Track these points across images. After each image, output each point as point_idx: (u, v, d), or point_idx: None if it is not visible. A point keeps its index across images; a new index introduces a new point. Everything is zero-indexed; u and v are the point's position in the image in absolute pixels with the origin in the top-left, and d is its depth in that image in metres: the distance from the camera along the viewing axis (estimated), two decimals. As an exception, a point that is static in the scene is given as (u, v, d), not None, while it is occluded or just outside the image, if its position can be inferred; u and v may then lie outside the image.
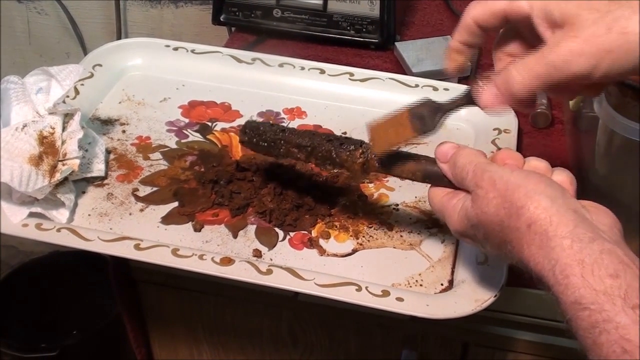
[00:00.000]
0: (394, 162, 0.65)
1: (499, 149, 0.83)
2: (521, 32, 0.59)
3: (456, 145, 0.60)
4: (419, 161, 0.64)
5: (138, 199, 0.80)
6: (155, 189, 0.81)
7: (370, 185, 0.82)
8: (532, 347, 0.80)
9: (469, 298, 0.66)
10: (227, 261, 0.70)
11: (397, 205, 0.80)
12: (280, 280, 0.68)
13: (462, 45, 0.61)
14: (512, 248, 0.52)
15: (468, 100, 0.60)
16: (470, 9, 0.58)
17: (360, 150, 0.67)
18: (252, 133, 0.74)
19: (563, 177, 0.56)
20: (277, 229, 0.76)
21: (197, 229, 0.76)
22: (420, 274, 0.72)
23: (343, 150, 0.68)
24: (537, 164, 0.57)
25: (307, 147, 0.70)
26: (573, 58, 0.52)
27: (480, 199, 0.55)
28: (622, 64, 0.51)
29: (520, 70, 0.54)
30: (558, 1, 0.52)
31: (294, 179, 0.80)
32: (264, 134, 0.73)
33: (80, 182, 0.81)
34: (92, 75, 0.94)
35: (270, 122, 0.82)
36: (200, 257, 0.70)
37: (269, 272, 0.69)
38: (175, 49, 0.99)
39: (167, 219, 0.77)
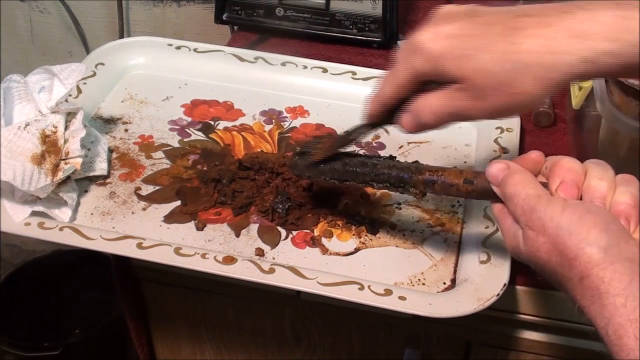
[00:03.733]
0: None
1: (501, 147, 0.84)
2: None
3: (505, 167, 0.57)
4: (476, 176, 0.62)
5: (140, 197, 0.80)
6: (157, 187, 0.81)
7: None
8: (535, 345, 0.80)
9: (472, 297, 0.66)
10: (229, 260, 0.70)
11: (400, 204, 0.80)
12: (282, 279, 0.68)
13: (378, 112, 0.65)
14: (566, 292, 0.51)
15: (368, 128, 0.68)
16: (382, 89, 0.63)
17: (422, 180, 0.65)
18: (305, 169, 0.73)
19: (626, 198, 0.52)
20: (279, 228, 0.76)
21: (200, 227, 0.76)
22: (422, 273, 0.72)
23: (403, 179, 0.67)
24: (597, 185, 0.53)
25: (367, 177, 0.68)
26: (470, 112, 0.57)
27: (531, 240, 0.53)
28: (516, 112, 0.59)
29: (427, 112, 0.60)
30: (451, 64, 0.55)
31: (297, 177, 0.80)
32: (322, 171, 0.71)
33: (83, 181, 0.81)
34: (94, 74, 0.94)
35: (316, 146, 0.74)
36: (203, 256, 0.70)
37: (271, 271, 0.69)
38: (178, 47, 0.99)
39: (169, 218, 0.77)
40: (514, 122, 0.88)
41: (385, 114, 0.64)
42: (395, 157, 0.70)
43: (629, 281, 0.46)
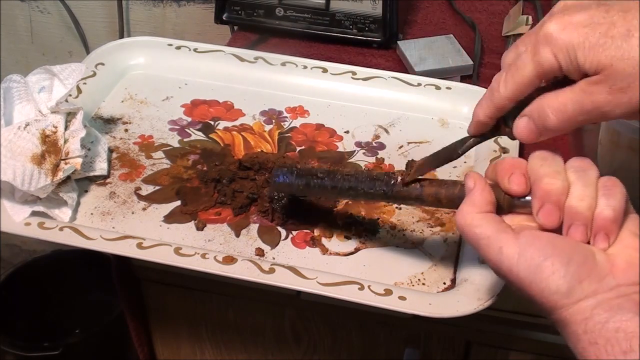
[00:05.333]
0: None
1: (502, 147, 0.83)
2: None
3: (471, 184, 0.56)
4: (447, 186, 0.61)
5: (140, 197, 0.80)
6: (157, 187, 0.81)
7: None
8: (535, 345, 0.80)
9: (472, 297, 0.66)
10: (229, 260, 0.70)
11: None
12: (282, 279, 0.68)
13: (490, 119, 0.58)
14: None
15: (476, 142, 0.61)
16: (497, 90, 0.56)
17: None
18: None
19: (607, 213, 0.51)
20: (279, 228, 0.76)
21: (200, 227, 0.76)
22: (422, 273, 0.72)
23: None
24: (578, 207, 0.52)
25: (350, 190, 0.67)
26: (610, 107, 0.51)
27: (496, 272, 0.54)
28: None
29: (555, 112, 0.54)
30: (587, 54, 0.51)
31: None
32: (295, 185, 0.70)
33: (83, 181, 0.81)
34: (94, 74, 0.94)
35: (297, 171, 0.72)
36: (203, 256, 0.70)
37: (271, 270, 0.69)
38: (178, 47, 0.99)
39: (169, 218, 0.77)
40: (514, 122, 0.88)
41: (498, 120, 0.58)
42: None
43: (589, 313, 0.48)
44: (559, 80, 0.54)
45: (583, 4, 0.52)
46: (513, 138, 0.58)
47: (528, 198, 0.54)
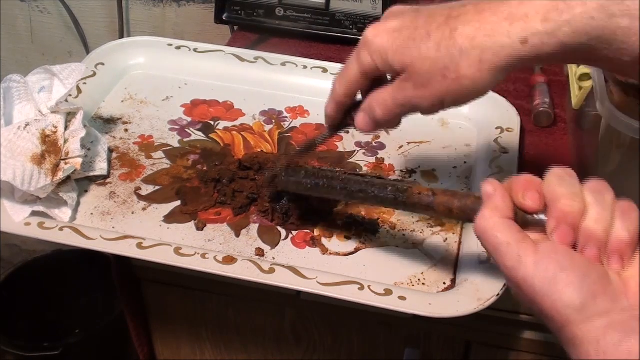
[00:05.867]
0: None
1: (502, 147, 0.84)
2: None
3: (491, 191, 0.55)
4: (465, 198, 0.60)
5: (140, 197, 0.80)
6: (157, 187, 0.81)
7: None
8: (535, 345, 0.80)
9: (472, 297, 0.66)
10: (229, 260, 0.70)
11: (400, 204, 0.80)
12: (282, 279, 0.68)
13: (336, 113, 0.67)
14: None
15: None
16: (335, 88, 0.65)
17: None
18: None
19: (623, 236, 0.51)
20: (279, 228, 0.76)
21: (200, 227, 0.76)
22: (422, 273, 0.72)
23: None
24: (594, 230, 0.51)
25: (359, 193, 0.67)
26: (417, 101, 0.59)
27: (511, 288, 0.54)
28: (463, 99, 0.58)
29: (379, 106, 0.61)
30: (394, 55, 0.58)
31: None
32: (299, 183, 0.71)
33: (83, 181, 0.81)
34: (94, 74, 0.94)
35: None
36: (203, 256, 0.70)
37: (271, 271, 0.69)
38: (178, 47, 0.99)
39: (169, 218, 0.77)
40: (514, 122, 0.88)
41: (342, 114, 0.66)
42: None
43: (602, 333, 0.47)
44: (384, 78, 0.61)
45: (401, 11, 0.60)
46: (356, 129, 0.66)
47: (542, 217, 0.54)
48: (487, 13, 0.55)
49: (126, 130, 0.89)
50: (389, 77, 0.62)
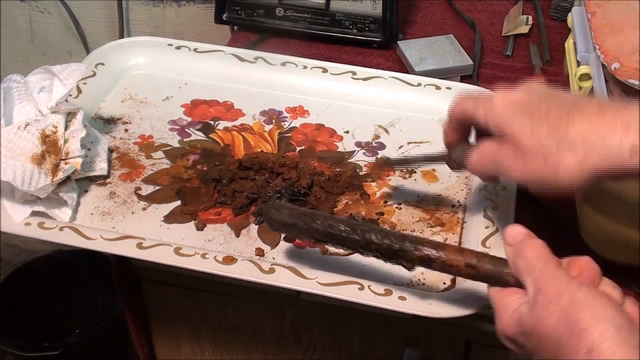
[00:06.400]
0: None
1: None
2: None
3: (528, 233, 0.56)
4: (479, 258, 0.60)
5: (140, 197, 0.80)
6: (157, 187, 0.81)
7: (373, 184, 0.82)
8: (535, 346, 0.80)
9: (472, 297, 0.66)
10: (229, 260, 0.70)
11: (400, 204, 0.80)
12: (282, 279, 0.68)
13: (450, 132, 0.69)
14: None
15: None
16: (449, 112, 0.68)
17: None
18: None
19: (635, 310, 0.52)
20: (279, 228, 0.76)
21: (200, 227, 0.76)
22: (422, 273, 0.72)
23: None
24: (611, 290, 0.53)
25: (356, 244, 0.63)
26: (509, 167, 0.59)
27: (540, 307, 0.51)
28: (549, 187, 0.57)
29: (478, 153, 0.63)
30: (508, 118, 0.59)
31: (297, 177, 0.80)
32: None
33: (83, 181, 0.81)
34: (94, 74, 0.94)
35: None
36: (203, 256, 0.70)
37: (271, 271, 0.69)
38: (178, 47, 0.99)
39: (169, 218, 0.77)
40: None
41: (455, 136, 0.69)
42: (377, 221, 0.72)
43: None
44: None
45: (536, 89, 0.60)
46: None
47: None
48: (608, 116, 0.54)
49: (126, 130, 0.89)
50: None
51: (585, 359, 0.47)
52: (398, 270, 0.71)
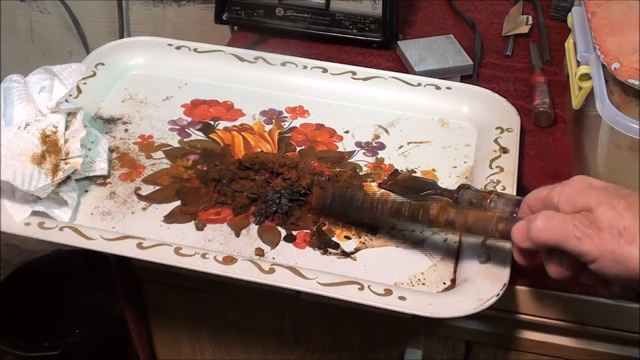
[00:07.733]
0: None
1: (502, 147, 0.84)
2: None
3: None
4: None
5: (140, 197, 0.80)
6: (157, 187, 0.81)
7: (373, 184, 0.82)
8: (535, 345, 0.80)
9: (472, 297, 0.66)
10: (229, 260, 0.70)
11: (400, 204, 0.80)
12: (282, 279, 0.68)
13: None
14: None
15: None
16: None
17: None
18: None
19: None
20: (279, 228, 0.76)
21: (200, 227, 0.76)
22: (422, 273, 0.72)
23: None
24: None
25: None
26: (583, 246, 0.56)
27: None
28: (614, 269, 0.55)
29: (543, 222, 0.59)
30: (582, 192, 0.58)
31: (297, 177, 0.80)
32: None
33: (83, 181, 0.81)
34: (94, 74, 0.94)
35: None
36: (203, 256, 0.70)
37: (271, 271, 0.69)
38: (178, 47, 0.99)
39: (169, 218, 0.77)
40: (514, 122, 0.88)
41: None
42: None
43: None
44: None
45: (615, 188, 0.59)
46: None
47: None
48: None
49: (126, 130, 0.89)
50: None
51: None
52: (398, 270, 0.71)
